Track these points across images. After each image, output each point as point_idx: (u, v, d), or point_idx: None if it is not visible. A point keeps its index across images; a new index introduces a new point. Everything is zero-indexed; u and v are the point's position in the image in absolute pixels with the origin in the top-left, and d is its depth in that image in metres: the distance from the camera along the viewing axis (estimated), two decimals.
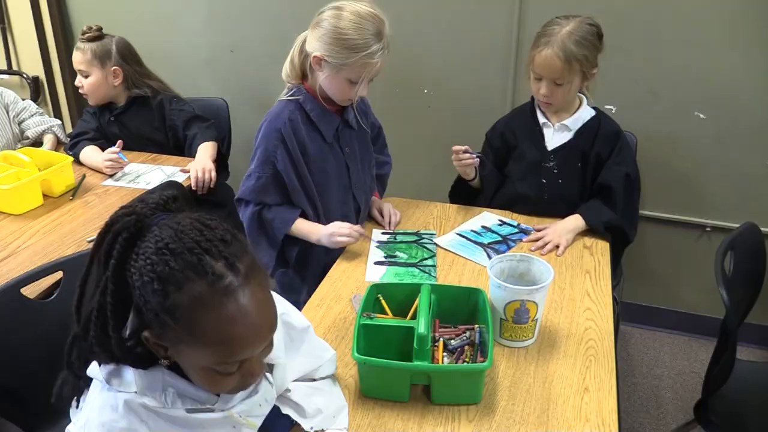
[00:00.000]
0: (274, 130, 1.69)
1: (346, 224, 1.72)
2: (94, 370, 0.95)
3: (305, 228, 1.75)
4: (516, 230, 1.84)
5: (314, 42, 1.62)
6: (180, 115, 2.37)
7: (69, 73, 3.01)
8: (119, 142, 2.26)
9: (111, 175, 2.22)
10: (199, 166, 2.21)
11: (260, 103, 2.82)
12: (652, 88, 2.29)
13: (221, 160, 2.40)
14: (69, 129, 2.90)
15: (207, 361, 0.85)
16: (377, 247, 1.76)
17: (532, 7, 2.31)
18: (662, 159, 2.36)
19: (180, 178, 2.19)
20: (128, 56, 2.33)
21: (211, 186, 2.20)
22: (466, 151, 1.84)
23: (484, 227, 1.87)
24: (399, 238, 1.82)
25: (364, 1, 1.62)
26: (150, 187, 2.13)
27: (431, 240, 1.79)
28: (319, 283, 1.61)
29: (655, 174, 2.35)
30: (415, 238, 1.81)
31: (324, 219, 1.78)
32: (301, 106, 1.71)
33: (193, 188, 2.17)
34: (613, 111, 2.32)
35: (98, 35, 2.30)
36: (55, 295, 1.58)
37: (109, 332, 0.86)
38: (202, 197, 2.19)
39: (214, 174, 2.21)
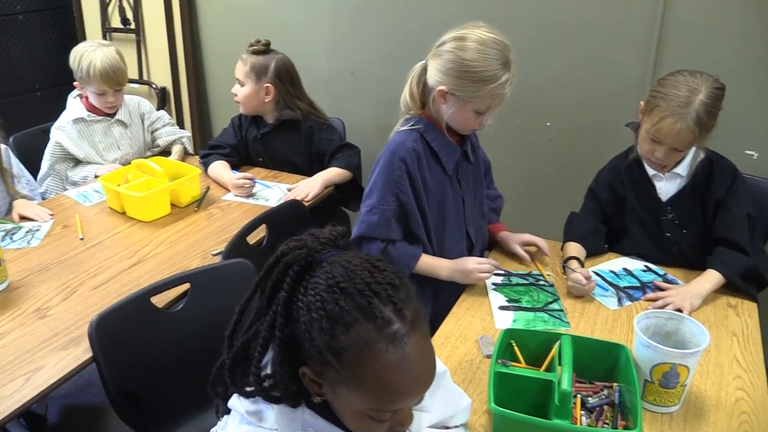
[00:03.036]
0: (397, 160, 1.61)
1: (483, 259, 1.66)
2: (234, 402, 0.93)
3: (432, 263, 1.68)
4: (660, 279, 1.73)
5: (438, 75, 1.55)
6: (330, 145, 2.39)
7: (195, 85, 3.14)
8: (251, 176, 2.28)
9: None
10: (305, 185, 2.22)
11: (376, 125, 2.84)
12: None
13: (355, 191, 2.41)
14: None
15: (363, 406, 0.82)
16: (494, 289, 1.69)
17: (669, 47, 2.20)
18: None
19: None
20: (284, 76, 2.36)
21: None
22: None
23: (625, 270, 1.77)
24: (514, 280, 1.74)
25: (484, 26, 1.54)
26: (269, 204, 2.16)
27: (545, 280, 1.72)
28: (434, 320, 1.55)
29: None
30: (531, 280, 1.73)
31: (438, 255, 1.71)
32: (422, 136, 1.64)
33: (285, 198, 2.17)
34: (755, 157, 2.16)
35: (263, 50, 2.35)
36: (181, 305, 1.61)
37: (268, 366, 0.84)
38: (318, 221, 2.20)
39: (310, 196, 2.20)
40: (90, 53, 2.32)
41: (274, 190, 2.26)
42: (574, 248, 1.76)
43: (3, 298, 1.67)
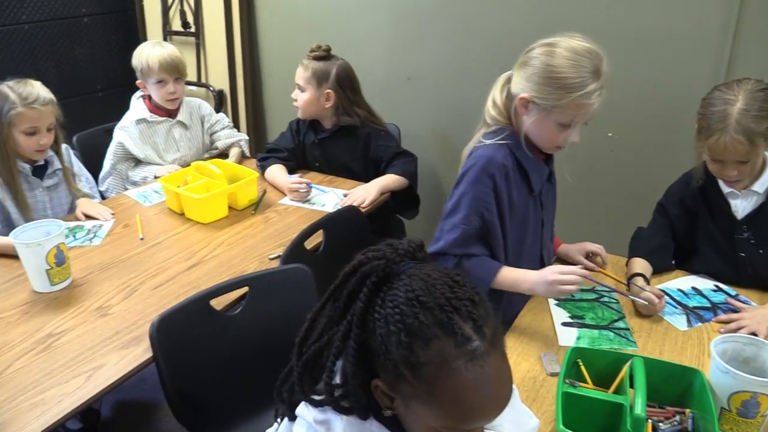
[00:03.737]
0: (486, 176, 1.53)
1: (567, 267, 1.51)
2: (302, 410, 0.92)
3: (513, 276, 1.54)
4: (732, 299, 1.65)
5: (521, 82, 1.51)
6: (387, 151, 2.38)
7: (251, 88, 3.17)
8: (307, 181, 2.28)
9: None
10: (361, 191, 2.21)
11: (432, 131, 2.81)
12: None
13: (410, 198, 2.39)
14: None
15: (437, 423, 0.80)
16: (557, 305, 1.64)
17: (741, 61, 2.11)
18: None
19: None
20: (345, 83, 2.36)
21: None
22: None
23: (694, 289, 1.70)
24: (577, 295, 1.68)
25: (579, 37, 1.49)
26: (325, 209, 2.16)
27: (611, 297, 1.65)
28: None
29: None
30: (594, 296, 1.68)
31: None
32: (512, 152, 1.57)
33: (342, 204, 2.16)
34: None
35: (324, 55, 2.35)
36: (239, 309, 1.62)
37: (338, 375, 0.82)
38: (372, 228, 2.18)
39: (367, 202, 2.18)
40: (149, 47, 2.44)
41: (330, 196, 2.25)
42: (640, 264, 1.70)
43: (66, 294, 1.70)
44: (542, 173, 1.63)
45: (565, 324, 1.56)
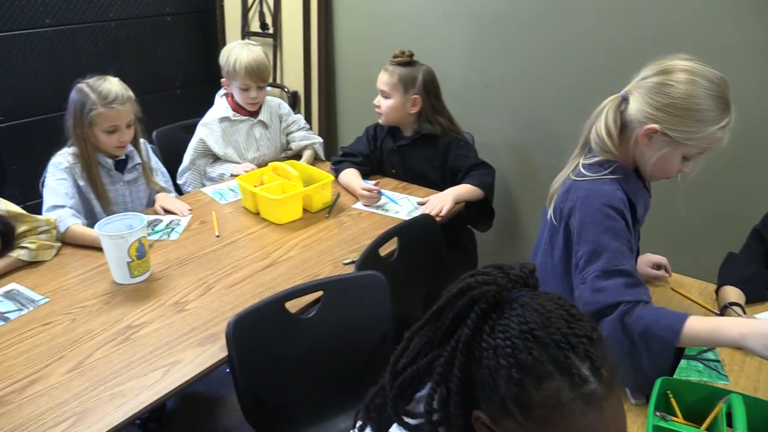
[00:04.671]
0: (612, 210, 1.37)
1: None
2: (394, 431, 0.89)
3: (708, 324, 1.23)
4: None
5: (649, 110, 1.36)
6: (465, 162, 2.34)
7: (325, 91, 3.19)
8: (377, 182, 2.27)
9: None
10: (437, 199, 2.18)
11: (506, 141, 2.76)
12: None
13: (484, 211, 2.35)
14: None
15: None
16: None
17: None
18: None
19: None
20: (430, 89, 2.34)
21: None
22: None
23: None
24: None
25: (689, 57, 1.38)
26: (399, 215, 2.14)
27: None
28: None
29: None
30: None
31: None
32: (620, 186, 1.43)
33: (419, 212, 2.13)
34: None
35: (409, 61, 2.33)
36: (313, 312, 1.61)
37: (442, 403, 0.79)
38: (445, 237, 2.14)
39: (444, 211, 2.14)
40: (238, 50, 2.43)
41: (404, 203, 2.23)
42: (734, 293, 1.60)
43: (145, 287, 1.74)
44: (647, 201, 1.52)
45: None
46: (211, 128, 2.51)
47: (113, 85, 2.05)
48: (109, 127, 2.03)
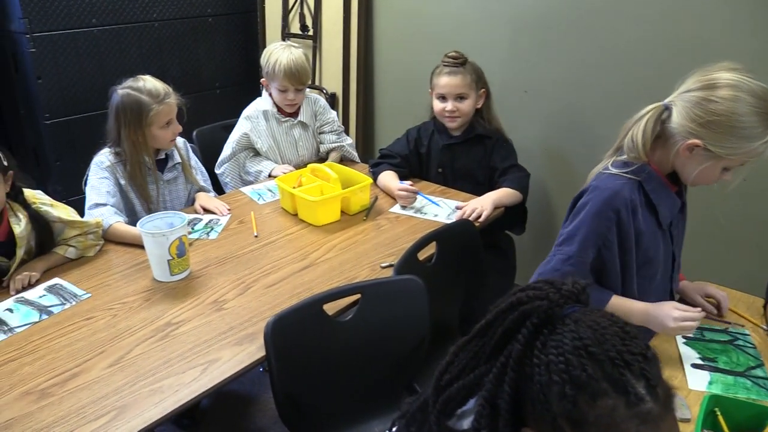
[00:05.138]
0: (610, 210, 1.44)
1: (688, 308, 1.44)
2: None
3: (623, 306, 1.46)
4: None
5: (692, 126, 1.36)
6: (503, 162, 2.32)
7: (363, 93, 3.19)
8: (410, 183, 2.27)
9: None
10: (476, 204, 2.15)
11: (543, 146, 2.73)
12: None
13: (519, 214, 2.33)
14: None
15: None
16: (685, 343, 1.52)
17: None
18: None
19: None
20: (486, 82, 2.35)
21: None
22: None
23: None
24: (707, 335, 1.56)
25: (742, 69, 1.34)
26: (437, 219, 2.12)
27: (747, 342, 1.52)
28: None
29: None
30: (728, 338, 1.54)
31: None
32: (641, 186, 1.47)
33: (456, 217, 2.11)
34: None
35: (464, 60, 2.31)
36: (350, 315, 1.61)
37: (490, 420, 0.77)
38: (482, 241, 2.12)
39: (483, 217, 2.11)
40: (279, 51, 2.44)
41: (442, 207, 2.21)
42: None
43: (184, 285, 1.75)
44: (674, 206, 1.52)
45: (695, 366, 1.44)
46: (254, 122, 2.52)
47: (154, 82, 2.09)
48: (165, 121, 2.07)
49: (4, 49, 2.96)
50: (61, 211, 1.84)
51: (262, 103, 2.56)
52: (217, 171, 2.55)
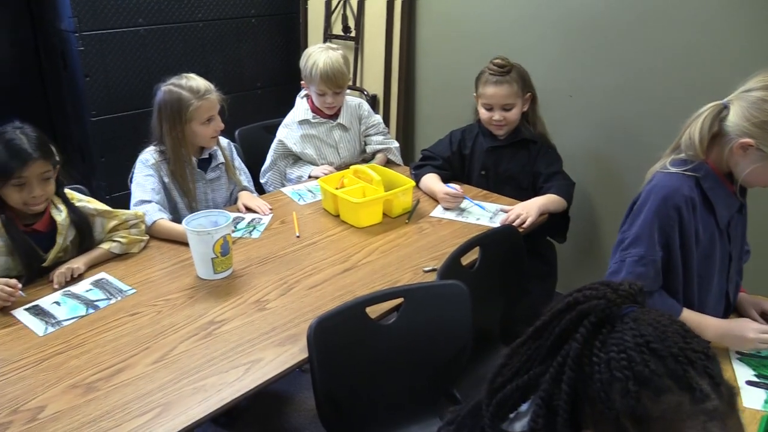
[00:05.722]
0: (671, 207, 1.44)
1: (766, 327, 1.44)
2: None
3: (696, 321, 1.43)
4: None
5: (747, 126, 1.37)
6: (548, 168, 2.29)
7: (404, 95, 3.18)
8: (457, 186, 2.24)
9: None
10: (521, 209, 2.12)
11: (588, 152, 2.68)
12: None
13: (562, 221, 2.29)
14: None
15: None
16: (739, 359, 1.47)
17: None
18: None
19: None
20: (532, 85, 2.33)
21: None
22: None
23: None
24: (763, 352, 1.50)
25: None
26: (480, 222, 2.10)
27: None
28: None
29: None
30: None
31: None
32: (698, 183, 1.47)
33: (501, 222, 2.08)
34: None
35: (512, 66, 2.27)
36: (393, 319, 1.59)
37: (547, 421, 0.75)
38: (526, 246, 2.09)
39: (528, 222, 2.07)
40: (317, 54, 2.41)
41: (485, 211, 2.18)
42: None
43: (227, 284, 1.76)
44: (732, 207, 1.50)
45: (750, 383, 1.39)
46: (290, 129, 2.53)
47: (197, 79, 2.11)
48: (205, 118, 2.08)
49: (54, 47, 3.02)
50: (97, 203, 1.87)
51: (298, 112, 2.55)
52: (262, 180, 2.57)
